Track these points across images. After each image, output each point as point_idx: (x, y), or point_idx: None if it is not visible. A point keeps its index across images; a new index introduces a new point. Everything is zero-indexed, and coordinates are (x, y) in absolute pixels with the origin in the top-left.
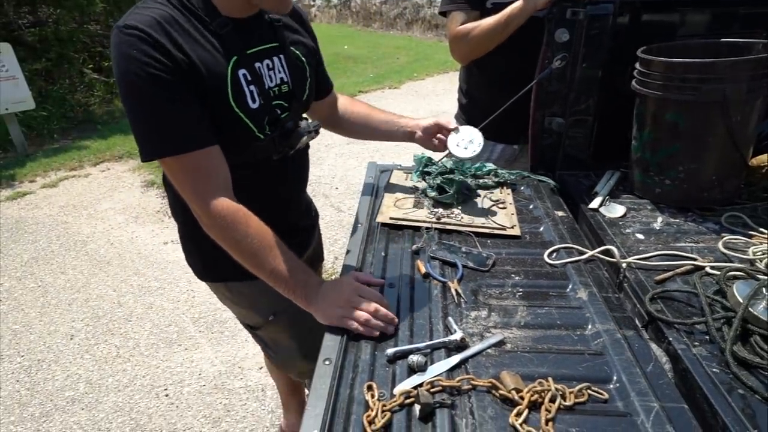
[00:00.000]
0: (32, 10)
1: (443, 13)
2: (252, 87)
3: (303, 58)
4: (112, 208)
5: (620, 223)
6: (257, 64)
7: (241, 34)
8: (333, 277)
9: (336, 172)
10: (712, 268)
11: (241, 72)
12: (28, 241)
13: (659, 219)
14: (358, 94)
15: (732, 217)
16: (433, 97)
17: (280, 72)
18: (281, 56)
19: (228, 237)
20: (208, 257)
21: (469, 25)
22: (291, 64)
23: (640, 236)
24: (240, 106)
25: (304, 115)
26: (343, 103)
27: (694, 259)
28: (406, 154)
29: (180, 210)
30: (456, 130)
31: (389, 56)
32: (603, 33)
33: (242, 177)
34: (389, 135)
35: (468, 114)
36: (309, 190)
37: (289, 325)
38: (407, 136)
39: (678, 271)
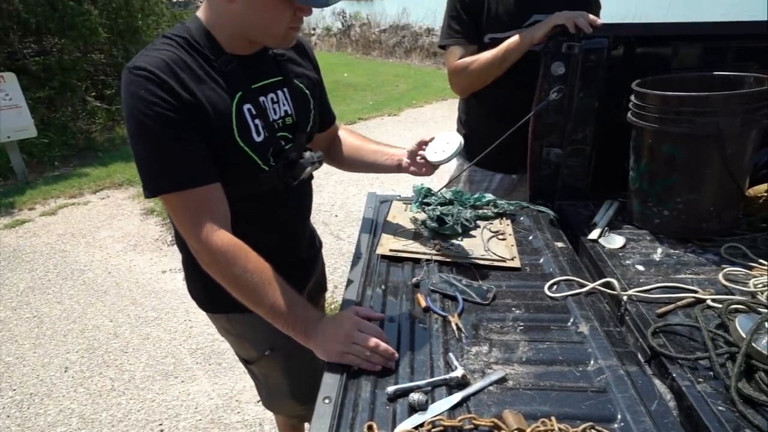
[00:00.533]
0: (37, 40)
1: (442, 47)
2: (257, 121)
3: (306, 91)
4: (111, 236)
5: (620, 254)
6: (262, 98)
7: (246, 70)
8: (333, 306)
9: (336, 200)
10: (714, 301)
11: (246, 107)
12: (25, 270)
13: (659, 250)
14: (357, 121)
15: (731, 248)
16: (432, 123)
17: (284, 105)
18: (285, 89)
19: (227, 273)
20: (210, 288)
21: (468, 59)
22: (295, 97)
23: (641, 268)
24: (245, 140)
25: (308, 146)
26: (342, 134)
27: (696, 292)
28: (406, 182)
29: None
30: (433, 139)
31: (388, 84)
32: (598, 66)
33: (247, 209)
34: (379, 166)
35: (467, 144)
36: None
37: (284, 361)
38: (396, 165)
39: (679, 304)
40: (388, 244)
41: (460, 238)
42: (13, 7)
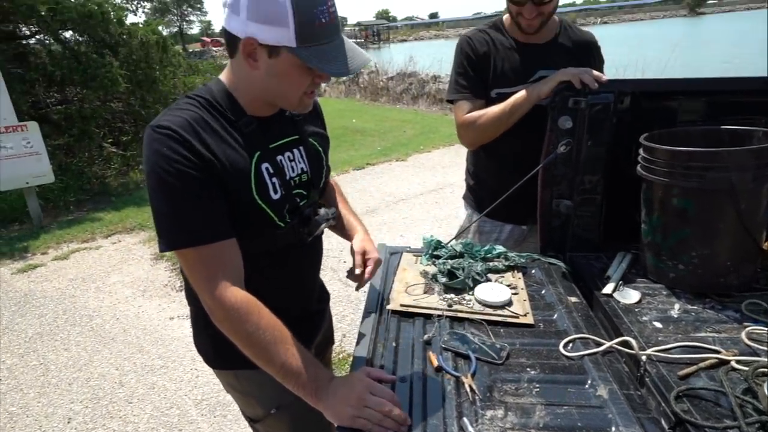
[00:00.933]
0: (60, 90)
1: (450, 101)
2: (274, 179)
3: (320, 148)
4: (121, 281)
5: (636, 309)
6: (279, 157)
7: (264, 130)
8: (341, 356)
9: (344, 246)
10: (739, 362)
11: (264, 166)
12: (34, 316)
13: (676, 306)
14: (366, 166)
15: (752, 304)
16: (440, 169)
17: (300, 162)
18: (301, 148)
19: (239, 330)
20: (218, 344)
21: (476, 113)
22: (310, 154)
23: (658, 325)
24: (262, 198)
25: (320, 202)
26: (330, 191)
27: (718, 352)
28: (414, 228)
29: (196, 296)
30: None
31: (396, 129)
32: (605, 120)
33: (261, 265)
34: (339, 232)
35: (476, 196)
36: None
37: (291, 421)
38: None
39: (702, 365)
40: (398, 298)
41: (471, 292)
42: (41, 60)
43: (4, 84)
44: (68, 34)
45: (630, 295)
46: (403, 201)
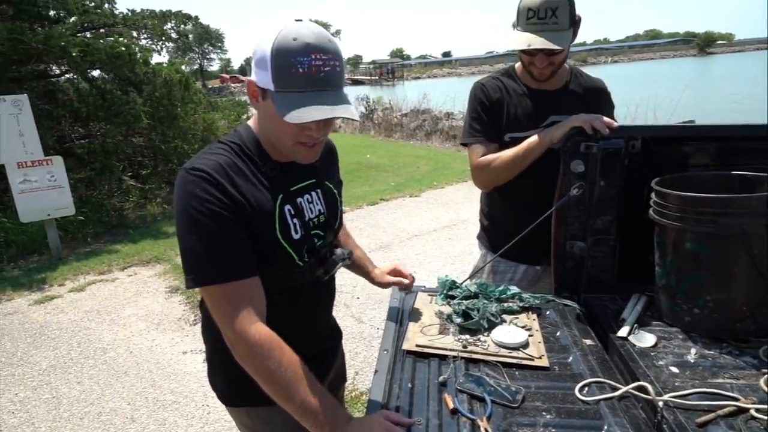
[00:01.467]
0: (85, 125)
1: (464, 144)
2: (295, 220)
3: (335, 190)
4: (135, 314)
5: (652, 353)
6: (299, 199)
7: (286, 174)
8: (353, 394)
9: (357, 282)
10: (758, 411)
11: (287, 207)
12: (48, 348)
13: (693, 350)
14: (379, 202)
15: None
16: (453, 205)
17: (317, 204)
18: (318, 191)
19: (261, 366)
20: (233, 381)
21: (490, 157)
22: (326, 197)
23: (675, 369)
24: (285, 238)
25: (336, 243)
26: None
27: (737, 399)
28: (427, 264)
29: (213, 333)
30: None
31: (410, 165)
32: (616, 164)
33: (276, 302)
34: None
35: (490, 236)
36: None
37: None
38: (367, 276)
39: (720, 413)
40: (414, 338)
41: (486, 333)
42: (68, 97)
43: (33, 120)
44: (96, 73)
45: (646, 339)
46: (416, 237)
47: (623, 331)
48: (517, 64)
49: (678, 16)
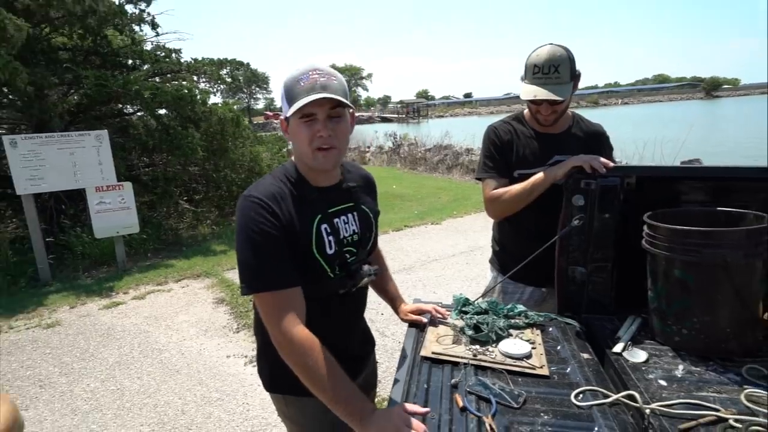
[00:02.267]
0: (149, 156)
1: (479, 179)
2: (330, 237)
3: (371, 215)
4: (187, 321)
5: (643, 368)
6: (336, 220)
7: (324, 198)
8: (376, 399)
9: (381, 300)
10: (736, 420)
11: (323, 226)
12: (115, 347)
13: (680, 367)
14: (404, 228)
15: (753, 369)
16: (471, 233)
17: (353, 225)
18: (354, 213)
19: (301, 362)
20: (275, 371)
21: (501, 190)
22: (361, 219)
23: (663, 383)
24: (320, 252)
25: (368, 260)
26: (377, 258)
27: (718, 410)
28: (446, 285)
29: (263, 331)
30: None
31: (432, 195)
32: (613, 199)
33: (311, 309)
34: (385, 298)
35: (501, 260)
36: None
37: None
38: (392, 304)
39: (701, 421)
40: (430, 346)
41: (494, 345)
42: (138, 132)
43: (110, 152)
44: (162, 111)
45: (638, 355)
46: (436, 261)
47: (618, 347)
48: (525, 111)
49: (685, 61)
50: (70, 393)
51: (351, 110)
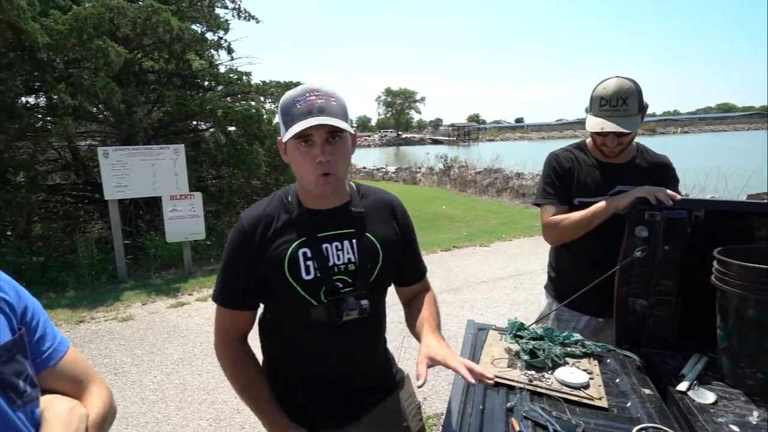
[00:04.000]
0: (217, 169)
1: (537, 204)
2: (309, 262)
3: (377, 245)
4: None
5: (711, 410)
6: (325, 245)
7: (315, 221)
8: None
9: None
10: None
11: (302, 251)
12: (179, 344)
13: (755, 413)
14: (452, 248)
15: None
16: (520, 257)
17: (348, 253)
18: (353, 241)
19: (226, 373)
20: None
21: (560, 217)
22: (362, 248)
23: (735, 429)
24: (293, 277)
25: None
26: (424, 299)
27: None
28: (493, 308)
29: (264, 340)
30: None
31: (481, 218)
32: (679, 232)
33: (300, 333)
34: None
35: (557, 287)
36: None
37: None
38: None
39: None
40: (485, 369)
41: (550, 371)
42: (209, 147)
43: (185, 164)
44: (232, 128)
45: (706, 396)
46: (484, 283)
47: (683, 386)
48: (588, 140)
49: (753, 92)
50: (139, 383)
51: (353, 129)
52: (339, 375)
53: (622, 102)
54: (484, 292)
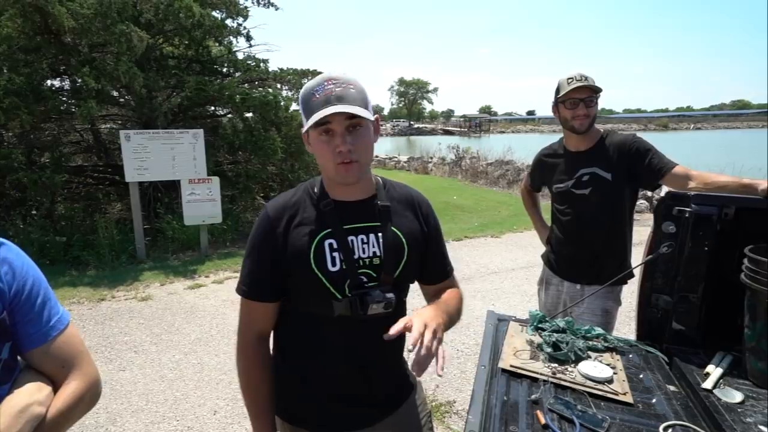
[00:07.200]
0: (233, 154)
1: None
2: (335, 254)
3: (403, 239)
4: None
5: (739, 409)
6: (351, 237)
7: (341, 212)
8: (432, 404)
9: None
10: None
11: (328, 242)
12: (196, 324)
13: None
14: (463, 239)
15: None
16: (531, 249)
17: (373, 247)
18: (379, 234)
19: (238, 364)
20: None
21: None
22: (387, 243)
23: (764, 429)
24: (319, 269)
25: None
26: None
27: None
28: (504, 298)
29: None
30: None
31: (492, 209)
32: (708, 229)
33: (320, 330)
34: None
35: (547, 256)
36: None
37: None
38: None
39: None
40: (508, 359)
41: (573, 365)
42: (226, 132)
43: (204, 149)
44: (249, 114)
45: (732, 395)
46: (495, 273)
47: (708, 383)
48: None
49: None
50: (158, 361)
51: (375, 117)
52: (355, 377)
53: (585, 78)
54: (495, 282)
